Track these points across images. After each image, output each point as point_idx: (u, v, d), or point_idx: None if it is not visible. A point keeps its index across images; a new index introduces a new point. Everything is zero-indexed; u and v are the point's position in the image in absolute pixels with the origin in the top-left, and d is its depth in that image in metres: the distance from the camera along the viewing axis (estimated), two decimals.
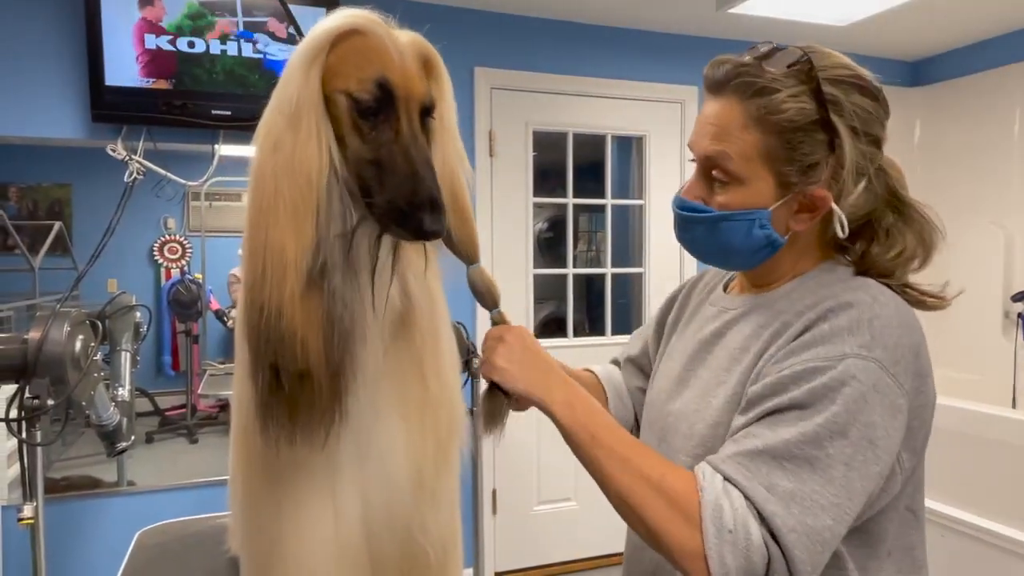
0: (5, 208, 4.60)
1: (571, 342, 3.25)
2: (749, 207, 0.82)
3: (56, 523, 2.42)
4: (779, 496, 0.71)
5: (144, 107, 2.38)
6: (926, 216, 0.87)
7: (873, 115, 0.81)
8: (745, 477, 0.72)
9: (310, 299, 0.72)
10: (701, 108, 0.86)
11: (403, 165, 0.74)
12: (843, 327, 0.76)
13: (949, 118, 3.52)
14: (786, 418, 0.74)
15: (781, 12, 2.71)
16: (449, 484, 0.92)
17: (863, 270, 0.86)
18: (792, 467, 0.71)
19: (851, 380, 0.72)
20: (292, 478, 0.82)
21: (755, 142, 0.80)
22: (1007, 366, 3.11)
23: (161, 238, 4.84)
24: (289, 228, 0.71)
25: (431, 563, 0.89)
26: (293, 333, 0.71)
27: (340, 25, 0.74)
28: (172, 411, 4.59)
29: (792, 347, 0.78)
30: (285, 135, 0.72)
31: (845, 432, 0.72)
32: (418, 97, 0.77)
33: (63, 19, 2.39)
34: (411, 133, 0.76)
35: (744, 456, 0.74)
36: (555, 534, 3.18)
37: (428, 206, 0.72)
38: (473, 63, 2.90)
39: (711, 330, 0.93)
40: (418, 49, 0.79)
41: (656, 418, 0.97)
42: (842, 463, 0.71)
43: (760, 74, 0.80)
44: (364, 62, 0.74)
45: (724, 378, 0.86)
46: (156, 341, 4.82)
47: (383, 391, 0.85)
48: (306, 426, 0.74)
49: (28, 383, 1.23)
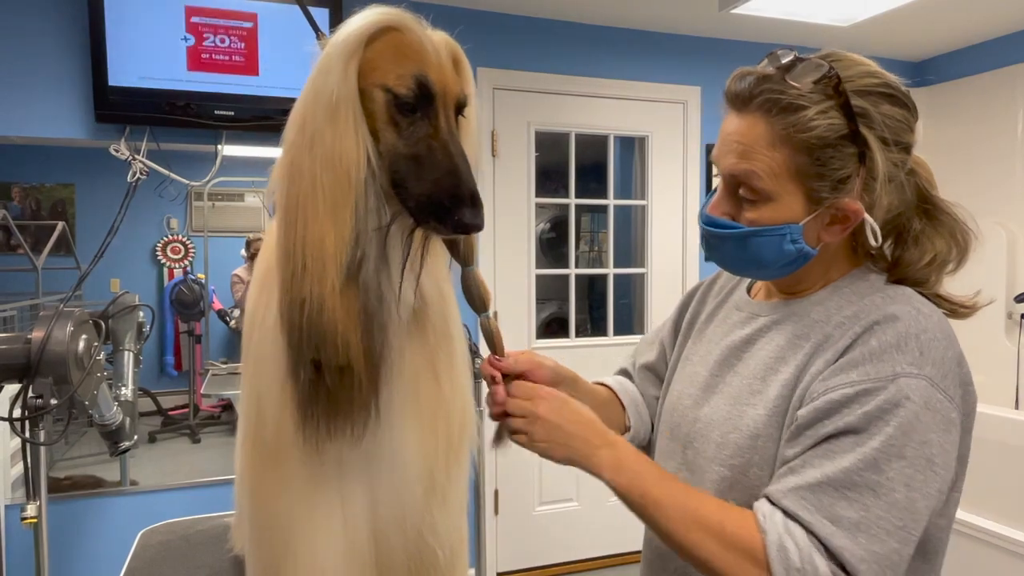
0: (9, 208, 4.61)
1: (573, 342, 3.25)
2: (779, 222, 0.80)
3: (59, 522, 2.43)
4: (845, 528, 0.70)
5: (147, 107, 2.39)
6: (956, 216, 0.85)
7: (903, 123, 0.79)
8: (808, 512, 0.72)
9: (348, 293, 0.72)
10: (723, 122, 0.84)
11: (444, 160, 0.74)
12: (891, 343, 0.74)
13: (952, 118, 3.51)
14: (842, 444, 0.73)
15: (784, 12, 2.70)
16: (459, 486, 0.92)
17: (897, 279, 0.84)
18: (854, 496, 0.71)
19: (904, 401, 0.71)
20: (302, 479, 0.82)
21: (783, 160, 0.78)
22: (1010, 367, 3.11)
23: (164, 238, 4.84)
24: (329, 222, 0.71)
25: (440, 564, 0.89)
26: (335, 327, 0.71)
27: (378, 21, 0.75)
28: (175, 411, 4.60)
29: (840, 364, 0.76)
30: (324, 129, 0.72)
31: (903, 453, 0.71)
32: (454, 94, 0.78)
33: (67, 19, 2.39)
34: (448, 129, 0.77)
35: (805, 489, 0.73)
36: (557, 535, 3.18)
37: (469, 200, 0.73)
38: (475, 63, 2.87)
39: (741, 336, 0.91)
40: (450, 48, 0.80)
41: (680, 423, 0.95)
42: (903, 484, 0.71)
43: (785, 89, 0.77)
44: (403, 58, 0.75)
45: (759, 387, 0.84)
46: (159, 341, 4.83)
47: (396, 391, 0.85)
48: (346, 420, 0.75)
49: (31, 383, 1.24)
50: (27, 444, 1.26)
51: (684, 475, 0.91)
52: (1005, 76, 3.27)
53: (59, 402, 1.25)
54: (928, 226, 0.85)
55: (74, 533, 2.50)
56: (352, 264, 0.72)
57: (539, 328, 3.29)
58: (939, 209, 0.85)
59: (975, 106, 3.41)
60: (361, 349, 0.73)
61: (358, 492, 0.84)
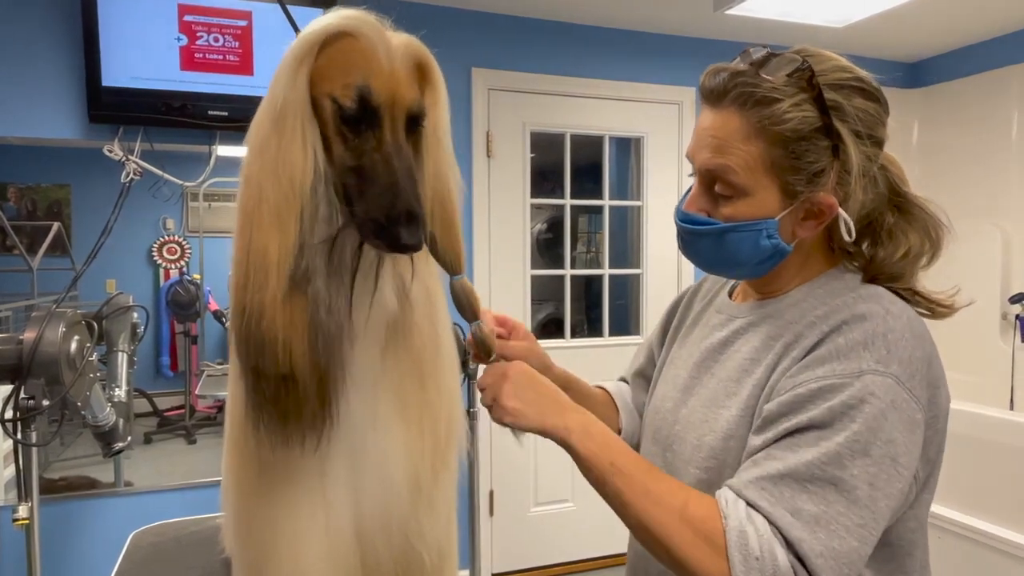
0: (4, 208, 4.59)
1: (569, 343, 3.25)
2: (755, 218, 0.81)
3: (53, 524, 2.42)
4: (804, 521, 0.70)
5: (141, 108, 2.38)
6: (929, 211, 0.86)
7: (875, 117, 0.80)
8: (769, 502, 0.71)
9: (293, 303, 0.71)
10: (698, 118, 0.85)
11: (383, 176, 0.72)
12: (858, 341, 0.75)
13: (947, 120, 3.52)
14: (806, 438, 0.73)
15: (779, 13, 2.71)
16: (447, 489, 0.91)
17: (872, 276, 0.85)
18: (816, 489, 0.71)
19: (870, 397, 0.72)
20: (285, 481, 0.82)
21: (759, 153, 0.78)
22: (1005, 368, 3.11)
23: (160, 239, 4.83)
24: (272, 231, 0.70)
25: (427, 567, 0.89)
26: (274, 336, 0.70)
27: (330, 27, 0.73)
28: (171, 412, 4.59)
29: (807, 361, 0.77)
30: (271, 137, 0.72)
31: (867, 451, 0.71)
32: (404, 105, 0.75)
33: (60, 20, 2.39)
34: (394, 142, 0.74)
35: (766, 480, 0.73)
36: (552, 535, 3.18)
37: (405, 219, 0.71)
38: (470, 64, 2.90)
39: (719, 338, 0.91)
40: (412, 53, 0.77)
41: (661, 426, 0.95)
42: (866, 483, 0.70)
43: (759, 83, 0.78)
44: (351, 66, 0.73)
45: (734, 389, 0.85)
46: (155, 342, 4.82)
47: (381, 394, 0.84)
48: (297, 429, 0.74)
49: (23, 383, 1.24)
50: (19, 445, 1.25)
51: None
52: (999, 77, 3.28)
53: (51, 403, 1.25)
54: (901, 220, 0.85)
55: (68, 534, 2.50)
56: (297, 274, 0.71)
57: (535, 329, 3.29)
58: (911, 203, 0.86)
59: (969, 107, 3.42)
60: (308, 360, 0.72)
61: (342, 495, 0.83)
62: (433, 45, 0.81)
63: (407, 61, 0.76)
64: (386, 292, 0.82)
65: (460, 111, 2.90)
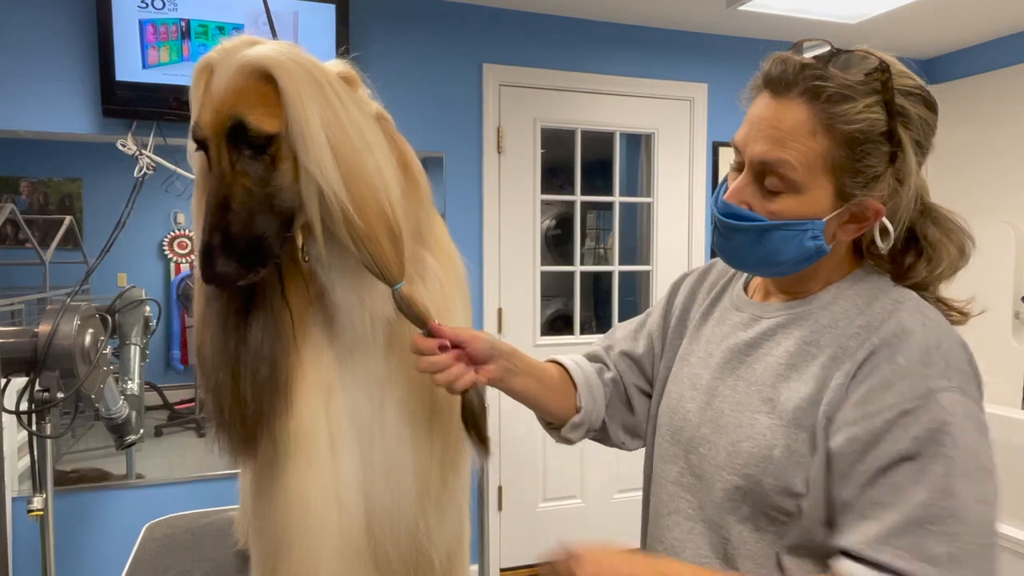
0: (16, 202, 4.62)
1: (578, 339, 3.24)
2: (803, 217, 0.77)
3: (66, 515, 2.45)
4: (943, 565, 0.68)
5: (154, 102, 2.39)
6: (960, 225, 0.84)
7: (931, 127, 0.78)
8: (903, 559, 0.69)
9: (225, 355, 0.77)
10: (752, 105, 0.80)
11: (204, 208, 0.76)
12: (916, 359, 0.73)
13: (962, 116, 3.49)
14: (903, 474, 0.71)
15: (792, 9, 2.69)
16: (456, 492, 0.91)
17: (902, 283, 0.83)
18: (939, 528, 0.69)
19: (948, 417, 0.71)
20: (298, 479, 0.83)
21: (821, 151, 0.75)
22: (1017, 367, 3.09)
23: (171, 233, 4.86)
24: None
25: (436, 568, 0.89)
26: (208, 389, 0.79)
27: (200, 63, 0.77)
28: (181, 405, 4.61)
29: (870, 384, 0.74)
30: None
31: (967, 472, 0.70)
32: (220, 125, 0.72)
33: (74, 14, 2.40)
34: (218, 172, 0.74)
35: (890, 535, 0.70)
36: (560, 531, 3.18)
37: (203, 254, 0.74)
38: (481, 59, 2.89)
39: (744, 339, 0.88)
40: (254, 65, 0.73)
41: (683, 427, 0.92)
42: (976, 502, 0.70)
43: (831, 77, 0.74)
44: (197, 103, 0.76)
45: (769, 394, 0.81)
46: (166, 335, 4.83)
47: (388, 399, 0.85)
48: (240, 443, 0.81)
49: (38, 376, 1.24)
50: (33, 437, 1.26)
51: (688, 480, 0.89)
52: (1015, 74, 3.25)
53: (65, 395, 1.26)
54: (940, 233, 0.83)
55: (81, 525, 2.52)
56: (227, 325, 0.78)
57: (544, 325, 3.28)
58: (944, 217, 0.84)
59: (985, 104, 3.39)
60: (236, 411, 0.79)
61: (353, 495, 0.85)
62: (444, 41, 0.81)
63: (245, 77, 0.72)
64: (376, 299, 0.83)
65: (471, 107, 2.90)
